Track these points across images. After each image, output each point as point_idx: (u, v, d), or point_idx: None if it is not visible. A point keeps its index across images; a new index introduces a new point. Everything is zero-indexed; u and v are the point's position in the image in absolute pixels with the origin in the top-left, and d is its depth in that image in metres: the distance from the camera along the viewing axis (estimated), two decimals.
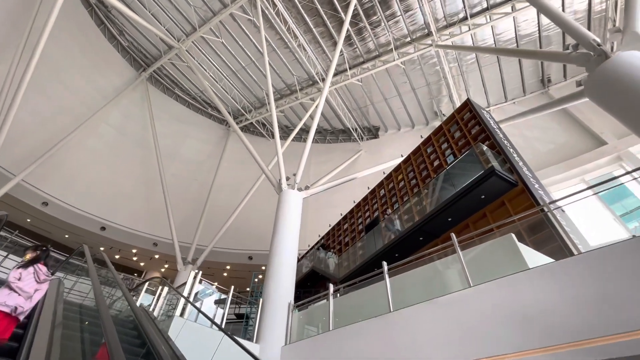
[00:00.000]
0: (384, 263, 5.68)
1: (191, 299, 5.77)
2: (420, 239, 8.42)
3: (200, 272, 6.17)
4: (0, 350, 3.41)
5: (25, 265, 3.74)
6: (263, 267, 20.16)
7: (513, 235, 4.56)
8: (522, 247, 4.39)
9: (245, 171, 22.72)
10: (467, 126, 9.07)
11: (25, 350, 3.26)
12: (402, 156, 12.37)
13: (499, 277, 3.99)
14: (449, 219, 7.78)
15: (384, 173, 12.20)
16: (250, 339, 7.05)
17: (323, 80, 20.64)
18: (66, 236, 18.22)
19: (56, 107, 16.95)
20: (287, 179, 9.95)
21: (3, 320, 3.28)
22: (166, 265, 20.31)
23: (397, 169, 11.57)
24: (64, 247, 17.99)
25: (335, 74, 20.75)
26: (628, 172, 5.49)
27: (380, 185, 12.17)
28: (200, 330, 5.58)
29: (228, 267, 19.50)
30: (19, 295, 3.44)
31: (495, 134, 8.05)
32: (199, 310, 5.06)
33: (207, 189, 20.45)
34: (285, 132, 25.49)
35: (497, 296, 3.83)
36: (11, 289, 3.47)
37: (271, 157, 20.27)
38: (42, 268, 3.80)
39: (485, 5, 15.13)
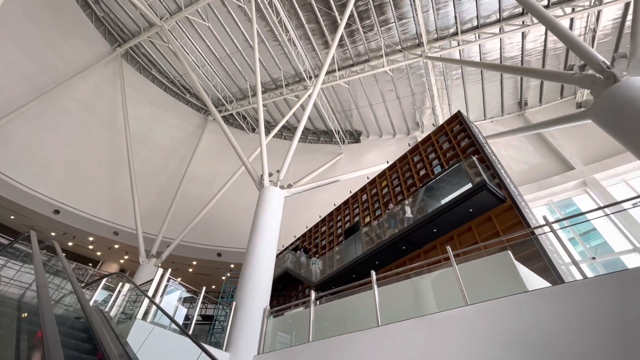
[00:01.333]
0: (373, 272, 5.38)
1: (157, 300, 5.15)
2: (403, 248, 8.27)
3: (170, 270, 5.55)
4: None
5: None
6: (232, 265, 19.35)
7: (510, 252, 4.43)
8: (519, 266, 4.26)
9: (220, 163, 21.80)
10: (457, 138, 9.08)
11: None
12: (387, 162, 12.26)
13: (499, 297, 3.81)
14: (434, 230, 7.68)
15: (367, 178, 12.03)
16: (217, 345, 6.49)
17: (310, 78, 20.28)
18: (12, 217, 16.39)
19: (12, 73, 15.21)
20: (270, 174, 9.45)
21: None
22: (126, 257, 18.88)
23: (382, 175, 11.43)
24: (8, 229, 16.20)
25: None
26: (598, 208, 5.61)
27: (362, 190, 11.97)
28: (163, 335, 4.98)
29: (194, 263, 18.47)
30: None
31: (485, 148, 8.08)
32: (170, 317, 4.46)
33: (179, 178, 19.30)
34: (266, 127, 24.78)
35: (498, 317, 3.64)
36: None
37: (250, 151, 19.55)
38: None
39: (475, 23, 15.51)
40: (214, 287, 19.87)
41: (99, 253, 18.89)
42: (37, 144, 15.81)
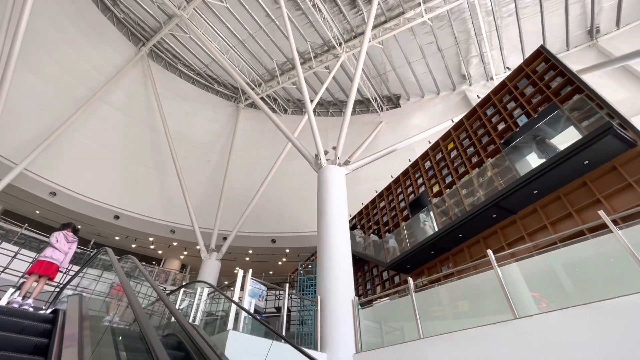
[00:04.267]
0: (490, 251, 4.40)
1: (246, 305, 4.66)
2: (494, 216, 7.15)
3: (251, 271, 5.02)
4: None
5: (59, 229, 5.60)
6: (287, 250, 19.30)
7: None
8: None
9: (258, 150, 21.37)
10: (543, 79, 7.54)
11: None
12: (452, 121, 10.89)
13: None
14: (535, 192, 6.45)
15: (429, 142, 10.79)
16: (293, 338, 6.02)
17: (340, 44, 18.77)
18: (78, 227, 17.27)
19: (53, 88, 15.47)
20: (326, 152, 8.61)
21: (52, 266, 5.08)
22: (185, 252, 19.47)
23: (446, 136, 10.12)
24: (79, 239, 17.13)
25: (352, 38, 18.83)
26: None
27: (424, 156, 10.77)
28: (259, 343, 4.48)
29: (250, 252, 18.61)
30: (59, 251, 5.28)
31: (588, 85, 6.54)
32: (273, 330, 3.94)
33: (221, 170, 19.18)
34: (297, 106, 23.83)
35: None
36: (53, 247, 5.25)
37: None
38: (68, 233, 5.68)
39: None
40: (271, 272, 20.05)
41: (160, 252, 19.65)
42: (86, 153, 16.22)
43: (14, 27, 11.67)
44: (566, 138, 6.18)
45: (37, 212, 15.99)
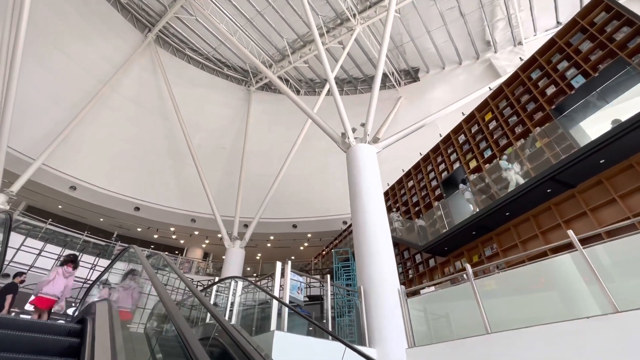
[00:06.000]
0: (571, 232, 3.74)
1: (287, 300, 4.22)
2: (548, 191, 6.41)
3: (290, 263, 4.56)
4: None
5: (61, 264, 5.58)
6: (309, 235, 18.99)
7: None
8: None
9: (273, 134, 20.76)
10: (604, 31, 6.55)
11: None
12: (489, 89, 9.96)
13: None
14: (602, 161, 5.66)
15: (462, 114, 9.92)
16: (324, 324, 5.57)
17: (354, 16, 17.59)
18: (101, 219, 17.38)
19: (62, 80, 15.10)
20: (354, 130, 7.94)
21: (50, 301, 5.14)
22: (207, 241, 19.45)
23: (482, 107, 9.24)
24: (101, 231, 17.25)
25: (367, 8, 17.60)
26: None
27: (457, 130, 9.94)
28: (304, 343, 4.05)
29: (272, 238, 18.39)
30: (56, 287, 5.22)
31: None
32: (326, 330, 3.49)
33: (237, 157, 18.73)
34: (310, 86, 22.92)
35: None
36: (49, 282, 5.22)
37: (303, 115, 18.03)
38: (67, 268, 5.46)
39: None
40: (293, 257, 19.87)
41: (182, 241, 19.69)
42: (102, 146, 16.02)
43: (18, 19, 11.23)
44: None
45: (60, 206, 16.05)
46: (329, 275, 5.10)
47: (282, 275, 4.80)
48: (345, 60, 19.34)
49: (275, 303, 4.17)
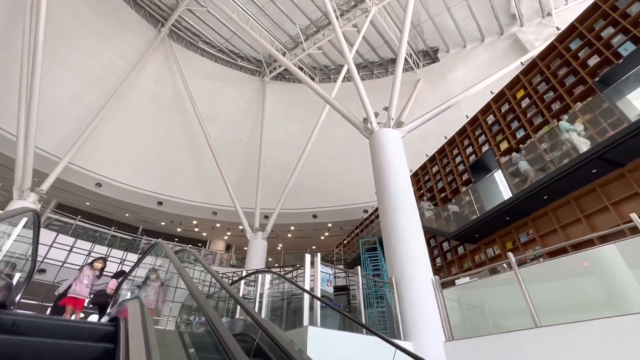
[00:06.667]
0: None
1: (317, 293, 4.06)
2: (593, 171, 5.90)
3: (320, 255, 4.38)
4: None
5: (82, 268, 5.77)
6: (329, 225, 18.87)
7: None
8: None
9: (288, 124, 20.51)
10: None
11: None
12: (521, 64, 9.30)
13: None
14: None
15: (491, 92, 9.33)
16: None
17: None
18: (126, 215, 17.85)
19: (82, 79, 15.35)
20: (376, 115, 7.59)
21: (79, 301, 5.27)
22: (229, 233, 19.69)
23: (513, 84, 8.62)
24: (127, 226, 17.73)
25: None
26: None
27: (485, 110, 9.37)
28: (338, 339, 3.88)
29: (292, 228, 18.40)
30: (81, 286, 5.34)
31: None
32: (364, 326, 3.32)
33: (254, 148, 18.67)
34: (324, 73, 22.42)
35: None
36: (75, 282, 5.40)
37: (319, 104, 17.70)
38: (87, 271, 5.53)
39: None
40: (314, 247, 19.86)
41: (204, 234, 20.03)
42: (123, 143, 16.30)
43: (36, 22, 11.38)
44: None
45: (87, 203, 16.57)
46: (359, 267, 4.89)
47: (312, 266, 4.62)
48: (361, 44, 18.70)
49: (306, 297, 4.01)
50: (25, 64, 11.80)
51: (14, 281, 4.34)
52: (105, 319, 5.19)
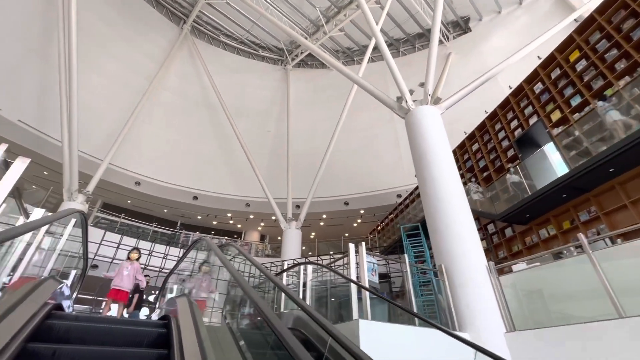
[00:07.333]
0: None
1: (366, 283, 3.85)
2: None
3: (364, 244, 4.15)
4: None
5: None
6: (362, 211, 18.57)
7: None
8: None
9: (314, 112, 20.17)
10: None
11: None
12: (575, 21, 8.32)
13: None
14: None
15: (538, 57, 8.44)
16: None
17: None
18: (165, 210, 18.60)
19: (114, 83, 15.91)
20: (411, 92, 7.09)
21: (122, 293, 5.45)
22: (262, 224, 20.00)
23: (564, 46, 7.69)
24: (167, 221, 18.49)
25: None
26: None
27: (531, 79, 8.50)
28: (390, 331, 3.65)
29: (324, 216, 18.30)
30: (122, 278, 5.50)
31: None
32: (415, 314, 3.10)
33: (282, 138, 18.61)
34: (347, 55, 21.70)
35: None
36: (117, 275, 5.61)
37: (345, 88, 17.16)
38: (125, 264, 5.71)
39: None
40: (347, 234, 19.70)
41: (239, 225, 20.49)
42: (157, 141, 16.83)
43: (69, 31, 11.81)
44: None
45: (129, 201, 17.42)
46: (406, 256, 4.60)
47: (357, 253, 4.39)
48: (384, 21, 17.79)
49: (353, 288, 3.81)
50: (62, 73, 12.35)
51: (69, 281, 4.53)
52: (155, 316, 5.34)
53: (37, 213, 3.74)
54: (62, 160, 11.72)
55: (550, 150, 7.42)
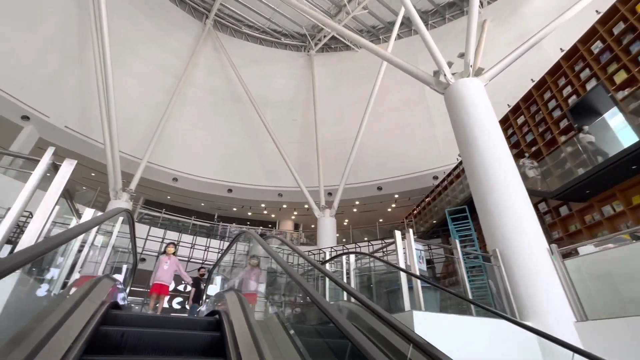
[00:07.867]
0: None
1: (416, 271, 3.63)
2: None
3: (411, 231, 3.90)
4: None
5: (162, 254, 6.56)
6: (396, 196, 18.10)
7: None
8: None
9: (339, 97, 19.70)
10: None
11: None
12: None
13: None
14: None
15: (597, 12, 7.46)
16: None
17: None
18: (202, 204, 19.28)
19: (145, 83, 16.41)
20: (450, 64, 6.55)
21: (163, 287, 5.63)
22: (295, 213, 20.18)
23: None
24: (204, 214, 19.17)
25: None
26: None
27: (587, 38, 7.54)
28: (445, 323, 3.42)
29: (357, 203, 18.07)
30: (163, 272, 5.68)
31: None
32: (478, 305, 2.88)
33: (310, 126, 18.42)
34: (373, 34, 20.81)
35: None
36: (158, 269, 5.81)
37: (371, 69, 16.51)
38: (163, 258, 5.89)
39: None
40: (381, 220, 19.34)
41: (273, 215, 20.83)
42: (190, 137, 17.30)
43: (101, 36, 12.23)
44: None
45: (168, 197, 18.22)
46: (457, 241, 4.29)
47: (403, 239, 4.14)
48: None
49: (403, 277, 3.59)
50: (100, 77, 12.90)
51: (122, 276, 4.72)
52: (203, 309, 5.47)
53: (88, 213, 3.87)
54: (106, 161, 12.38)
55: (611, 117, 6.60)
